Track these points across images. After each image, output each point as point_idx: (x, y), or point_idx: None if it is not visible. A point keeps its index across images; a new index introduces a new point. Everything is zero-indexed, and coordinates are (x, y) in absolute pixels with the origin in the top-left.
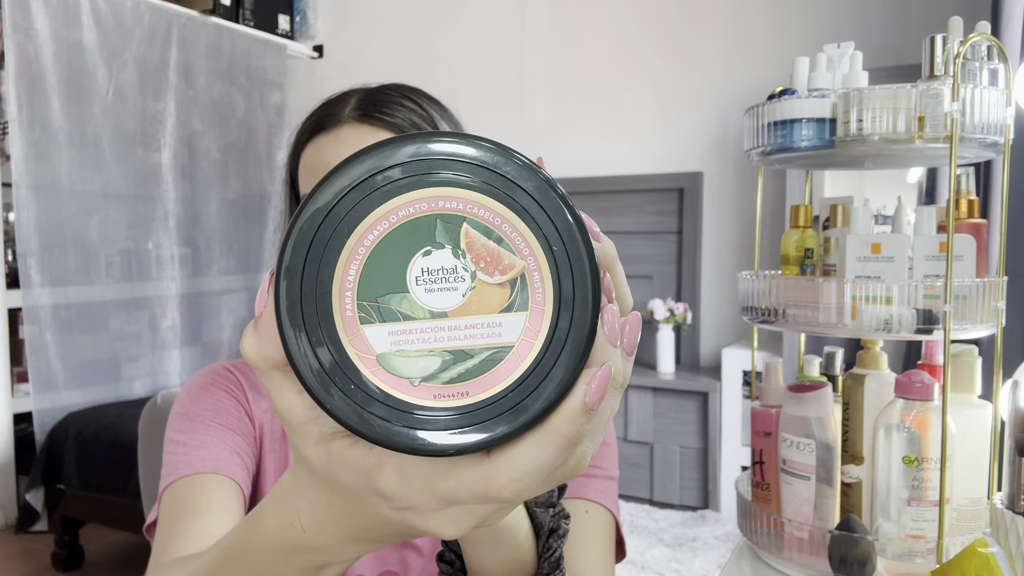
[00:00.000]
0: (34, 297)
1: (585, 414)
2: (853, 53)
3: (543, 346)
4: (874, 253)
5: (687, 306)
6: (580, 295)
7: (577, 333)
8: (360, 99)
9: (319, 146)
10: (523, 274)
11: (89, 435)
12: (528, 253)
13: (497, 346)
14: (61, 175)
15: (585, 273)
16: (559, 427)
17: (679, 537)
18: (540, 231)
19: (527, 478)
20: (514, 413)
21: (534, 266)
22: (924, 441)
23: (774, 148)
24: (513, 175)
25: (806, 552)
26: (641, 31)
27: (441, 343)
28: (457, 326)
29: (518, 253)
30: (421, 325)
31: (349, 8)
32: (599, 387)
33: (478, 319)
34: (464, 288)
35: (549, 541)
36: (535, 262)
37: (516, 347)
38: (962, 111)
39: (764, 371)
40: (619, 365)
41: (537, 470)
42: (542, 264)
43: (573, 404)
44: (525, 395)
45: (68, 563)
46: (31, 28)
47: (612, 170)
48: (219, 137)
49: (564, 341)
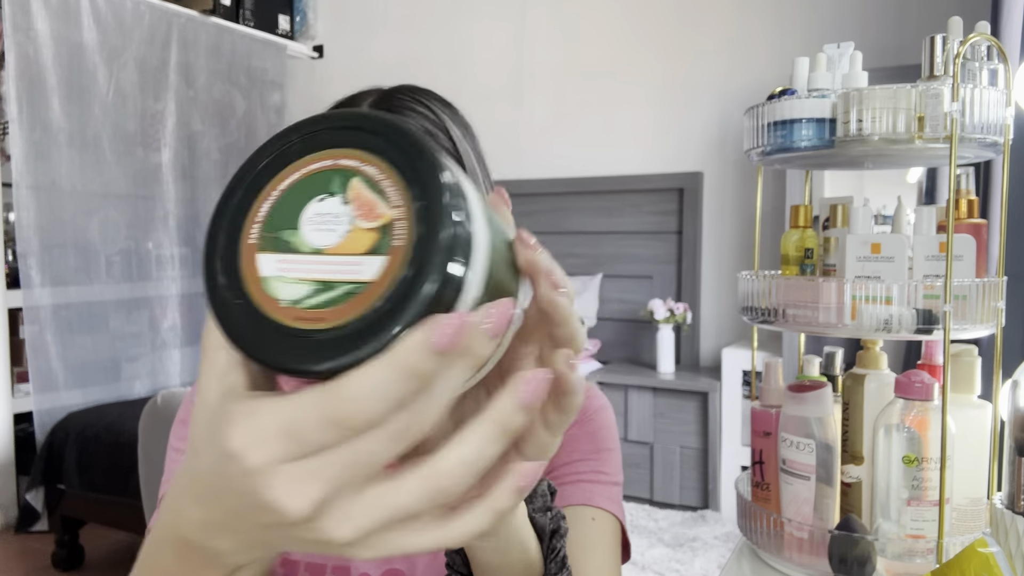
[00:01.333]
0: (34, 297)
1: (426, 349)
2: (853, 53)
3: (395, 285)
4: (874, 253)
5: (687, 306)
6: (435, 245)
7: (427, 279)
8: (373, 103)
9: None
10: (391, 223)
11: (89, 435)
12: (399, 205)
13: (357, 281)
14: (61, 175)
15: (439, 218)
16: (399, 354)
17: (679, 537)
18: (412, 189)
19: (367, 401)
20: (360, 341)
21: (401, 217)
22: (924, 441)
23: (774, 148)
24: (403, 144)
25: (806, 552)
26: (641, 31)
27: (313, 274)
28: (329, 261)
29: (390, 205)
30: (301, 257)
31: (349, 8)
32: (449, 330)
33: (346, 258)
34: (342, 231)
35: (552, 542)
36: (403, 213)
37: (372, 284)
38: (962, 111)
39: (764, 371)
40: (478, 338)
41: (376, 395)
42: (408, 216)
43: (415, 336)
44: (376, 328)
45: (68, 563)
46: (31, 28)
47: (612, 170)
48: (219, 137)
49: (417, 286)
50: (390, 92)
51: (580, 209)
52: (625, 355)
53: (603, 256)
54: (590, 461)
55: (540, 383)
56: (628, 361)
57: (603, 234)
